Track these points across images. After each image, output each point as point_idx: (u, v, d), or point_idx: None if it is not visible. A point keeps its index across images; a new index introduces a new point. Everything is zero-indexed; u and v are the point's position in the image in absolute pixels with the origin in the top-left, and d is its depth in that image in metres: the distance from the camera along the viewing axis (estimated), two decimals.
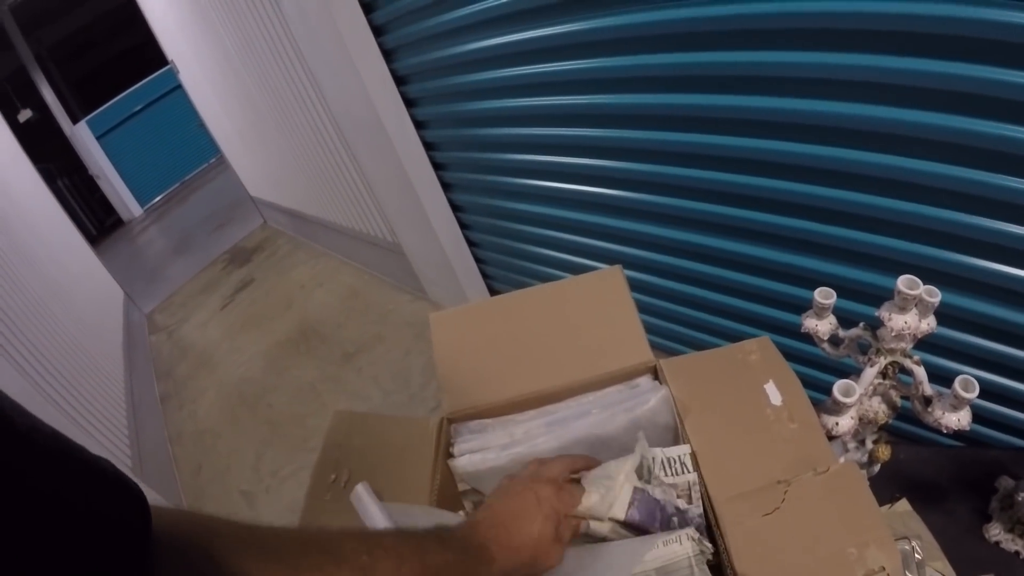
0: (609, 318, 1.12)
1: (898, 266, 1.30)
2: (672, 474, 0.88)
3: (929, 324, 0.97)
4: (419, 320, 3.41)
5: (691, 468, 0.87)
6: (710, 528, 0.84)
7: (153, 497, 0.49)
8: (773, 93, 1.33)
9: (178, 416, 3.82)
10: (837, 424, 1.01)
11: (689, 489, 0.87)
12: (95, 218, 10.07)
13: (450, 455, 1.07)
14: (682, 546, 0.75)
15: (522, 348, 1.14)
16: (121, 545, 0.44)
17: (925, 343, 1.02)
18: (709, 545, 0.78)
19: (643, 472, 0.87)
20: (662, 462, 0.88)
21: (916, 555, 1.03)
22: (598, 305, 1.14)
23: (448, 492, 1.04)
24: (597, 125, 1.76)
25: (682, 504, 0.87)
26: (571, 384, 1.08)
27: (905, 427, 1.51)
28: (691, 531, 0.76)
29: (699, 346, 2.00)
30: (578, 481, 0.88)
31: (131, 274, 6.70)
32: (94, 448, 0.45)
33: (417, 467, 1.03)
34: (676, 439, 0.99)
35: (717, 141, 1.49)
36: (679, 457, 0.88)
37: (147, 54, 7.48)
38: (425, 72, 2.26)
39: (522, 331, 1.15)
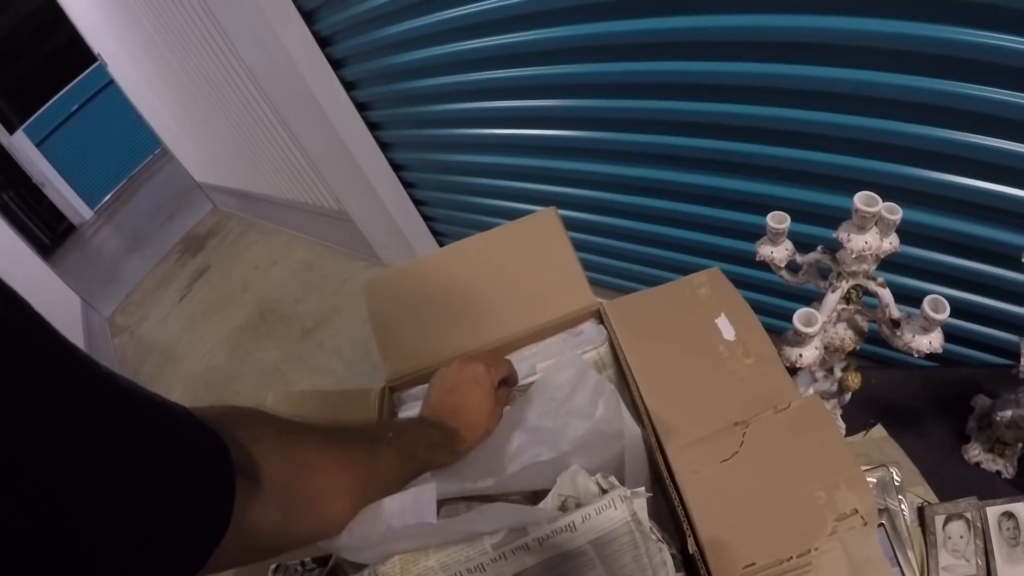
0: (547, 263, 1.06)
1: (854, 184, 1.19)
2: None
3: (891, 243, 0.93)
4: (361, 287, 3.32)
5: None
6: (664, 480, 0.77)
7: None
8: (698, 11, 1.24)
9: None
10: (801, 356, 0.96)
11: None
12: (46, 227, 9.89)
13: None
14: (617, 510, 0.65)
15: (460, 304, 1.08)
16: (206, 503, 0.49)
17: (889, 263, 0.97)
18: (646, 517, 0.70)
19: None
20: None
21: (895, 481, 1.01)
22: (535, 251, 1.08)
23: None
24: (525, 64, 1.68)
25: None
26: (514, 336, 1.03)
27: (874, 350, 1.46)
28: (622, 490, 0.68)
29: (651, 282, 1.93)
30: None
31: (87, 279, 6.59)
32: None
33: None
34: (623, 388, 0.94)
35: (649, 67, 1.40)
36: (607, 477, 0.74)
37: (75, 52, 7.30)
38: (350, 29, 2.16)
39: (459, 286, 1.09)
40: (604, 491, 0.68)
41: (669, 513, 0.77)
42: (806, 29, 1.12)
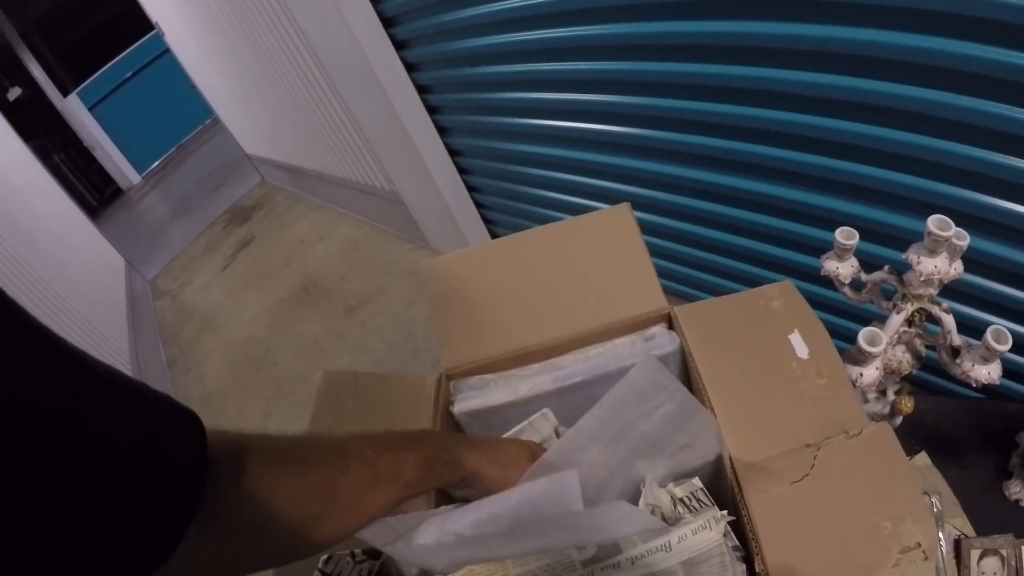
0: (618, 262, 1.04)
1: (924, 207, 1.20)
2: (692, 511, 0.74)
3: (957, 269, 0.92)
4: (421, 270, 3.29)
5: (709, 502, 0.75)
6: (734, 496, 0.76)
7: None
8: (796, 18, 1.21)
9: (185, 380, 3.78)
10: (862, 375, 0.95)
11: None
12: (94, 189, 10.02)
13: (450, 414, 1.01)
14: (712, 532, 0.66)
15: (524, 296, 1.06)
16: (178, 485, 0.47)
17: (948, 289, 0.96)
18: (733, 538, 0.70)
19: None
20: (674, 501, 0.75)
21: (935, 510, 1.00)
22: (606, 247, 1.06)
23: None
24: (600, 58, 1.65)
25: None
26: (578, 334, 1.02)
27: (922, 376, 1.44)
28: (716, 512, 0.68)
29: (714, 291, 1.92)
30: None
31: (132, 241, 6.67)
32: None
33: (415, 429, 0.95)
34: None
35: (732, 72, 1.37)
36: (692, 494, 0.76)
37: (132, 20, 7.36)
38: (415, 11, 2.15)
39: (524, 277, 1.07)
40: (683, 503, 0.69)
41: (735, 528, 0.76)
42: (902, 47, 1.09)
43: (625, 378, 0.78)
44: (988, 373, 0.89)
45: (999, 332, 0.86)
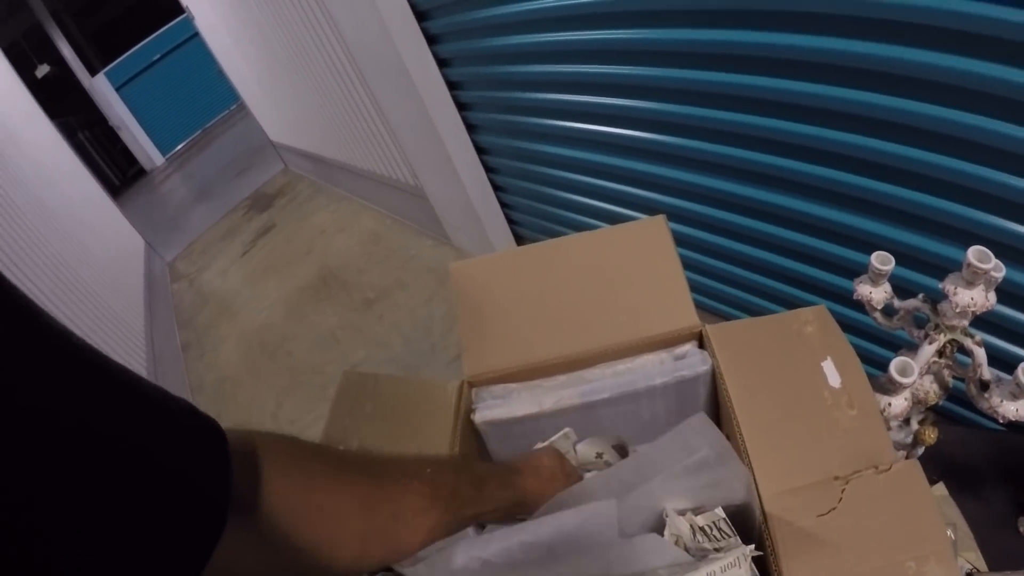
0: (651, 275, 1.02)
1: (963, 235, 1.17)
2: (712, 540, 0.73)
3: (991, 300, 0.90)
4: (441, 266, 3.31)
5: (731, 532, 0.73)
6: (758, 524, 0.75)
7: None
8: (843, 33, 1.17)
9: (199, 365, 3.79)
10: (890, 405, 0.94)
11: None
12: (117, 169, 10.13)
13: (470, 422, 0.99)
14: (741, 569, 0.65)
15: (552, 305, 1.04)
16: (202, 505, 0.44)
17: (978, 319, 0.93)
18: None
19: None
20: (694, 530, 0.73)
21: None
22: (639, 260, 1.03)
23: None
24: (639, 63, 1.61)
25: None
26: (607, 348, 0.99)
27: (945, 405, 1.40)
28: (746, 550, 0.66)
29: (744, 307, 1.89)
30: None
31: (153, 223, 6.72)
32: None
33: (434, 437, 0.94)
34: (717, 417, 0.91)
35: (777, 84, 1.33)
36: (715, 523, 0.74)
37: (163, 3, 7.42)
38: (449, 6, 2.13)
39: (553, 286, 1.05)
40: (703, 532, 0.68)
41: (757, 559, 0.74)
42: (954, 71, 1.05)
43: (673, 432, 0.77)
44: (1016, 410, 0.88)
45: None
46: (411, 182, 3.30)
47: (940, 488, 1.17)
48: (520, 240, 2.89)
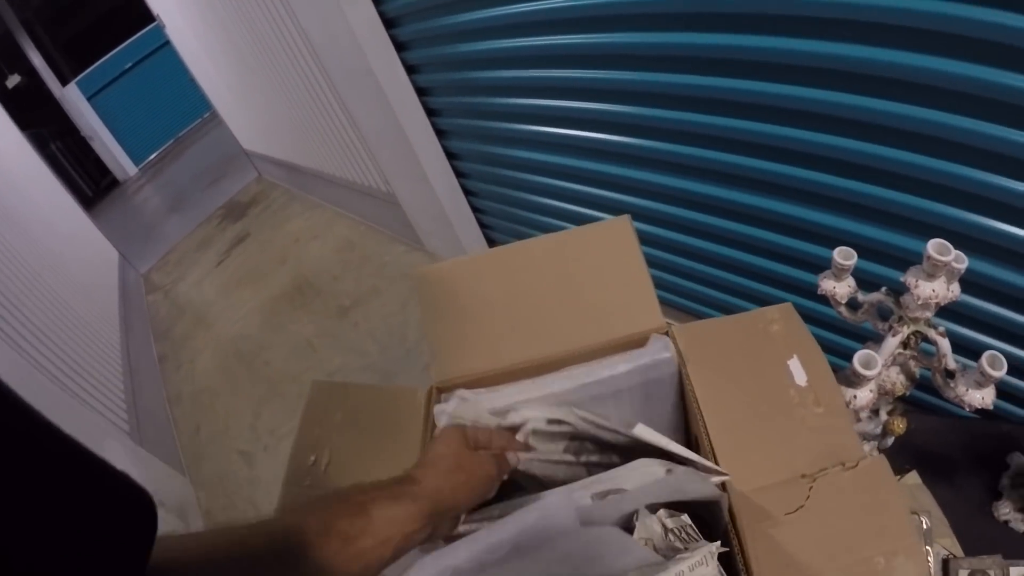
0: (616, 276, 1.02)
1: (924, 227, 1.21)
2: (681, 540, 0.73)
3: (954, 292, 0.93)
4: (412, 277, 3.29)
5: (697, 536, 0.73)
6: (724, 526, 0.76)
7: (153, 461, 0.46)
8: (799, 34, 1.20)
9: (176, 377, 3.78)
10: (856, 397, 0.96)
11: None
12: (90, 180, 10.02)
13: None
14: (708, 567, 0.65)
15: (519, 309, 1.04)
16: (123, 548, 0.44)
17: (944, 310, 0.96)
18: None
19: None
20: (664, 530, 0.74)
21: (924, 529, 1.03)
22: (604, 261, 1.04)
23: None
24: (603, 67, 1.63)
25: None
26: (573, 351, 0.99)
27: (916, 395, 1.44)
28: (712, 547, 0.67)
29: (713, 303, 1.92)
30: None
31: (127, 234, 6.66)
32: (88, 416, 0.41)
33: (405, 444, 0.95)
34: (684, 419, 0.92)
35: (735, 85, 1.36)
36: (682, 527, 0.74)
37: (134, 11, 7.37)
38: (416, 13, 2.14)
39: (519, 289, 1.05)
40: (673, 533, 0.68)
41: (726, 558, 0.75)
42: (906, 67, 1.08)
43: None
44: (982, 398, 0.90)
45: (995, 358, 0.87)
46: (383, 189, 3.31)
47: (914, 477, 1.19)
48: (492, 244, 2.91)
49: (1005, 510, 1.12)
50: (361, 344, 3.11)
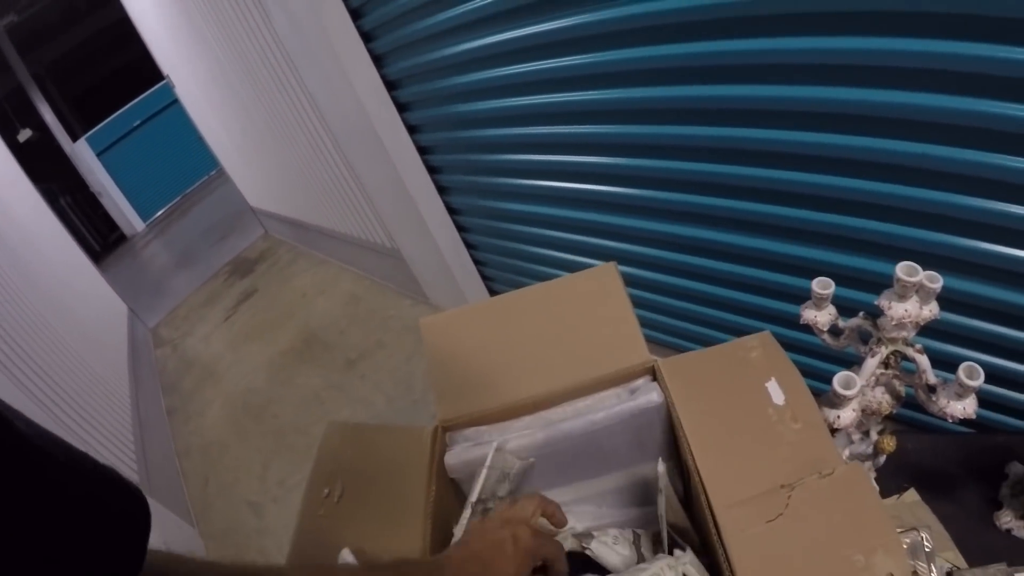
0: (604, 318, 1.09)
1: (898, 252, 1.27)
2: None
3: (931, 311, 0.95)
4: (419, 327, 3.30)
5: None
6: (711, 536, 0.80)
7: (162, 512, 0.49)
8: (763, 81, 1.30)
9: (185, 430, 3.80)
10: (839, 417, 0.98)
11: None
12: (98, 235, 10.09)
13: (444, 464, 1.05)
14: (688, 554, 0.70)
15: (516, 351, 1.11)
16: (124, 535, 0.45)
17: (929, 328, 0.99)
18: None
19: None
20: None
21: (926, 546, 1.01)
22: (592, 304, 1.11)
23: (444, 504, 1.01)
24: (589, 121, 1.74)
25: None
26: (567, 388, 1.06)
27: (911, 414, 1.48)
28: (670, 559, 0.71)
29: (697, 339, 1.99)
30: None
31: (135, 289, 6.70)
32: None
33: (412, 479, 1.00)
34: (673, 444, 0.97)
35: (707, 132, 1.47)
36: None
37: (143, 69, 7.47)
38: (416, 75, 2.24)
39: (515, 334, 1.12)
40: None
41: (715, 567, 0.80)
42: (853, 102, 1.18)
43: None
44: (963, 408, 0.91)
45: (970, 368, 0.89)
46: (388, 244, 3.37)
47: (912, 494, 1.20)
48: (494, 294, 2.93)
49: (1006, 519, 1.13)
50: (369, 396, 3.14)
